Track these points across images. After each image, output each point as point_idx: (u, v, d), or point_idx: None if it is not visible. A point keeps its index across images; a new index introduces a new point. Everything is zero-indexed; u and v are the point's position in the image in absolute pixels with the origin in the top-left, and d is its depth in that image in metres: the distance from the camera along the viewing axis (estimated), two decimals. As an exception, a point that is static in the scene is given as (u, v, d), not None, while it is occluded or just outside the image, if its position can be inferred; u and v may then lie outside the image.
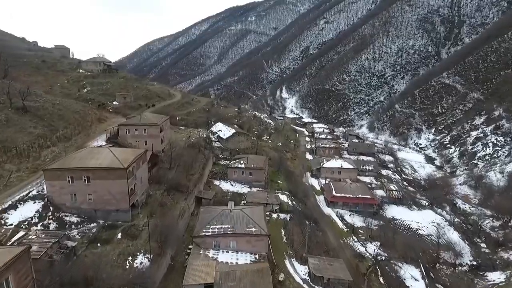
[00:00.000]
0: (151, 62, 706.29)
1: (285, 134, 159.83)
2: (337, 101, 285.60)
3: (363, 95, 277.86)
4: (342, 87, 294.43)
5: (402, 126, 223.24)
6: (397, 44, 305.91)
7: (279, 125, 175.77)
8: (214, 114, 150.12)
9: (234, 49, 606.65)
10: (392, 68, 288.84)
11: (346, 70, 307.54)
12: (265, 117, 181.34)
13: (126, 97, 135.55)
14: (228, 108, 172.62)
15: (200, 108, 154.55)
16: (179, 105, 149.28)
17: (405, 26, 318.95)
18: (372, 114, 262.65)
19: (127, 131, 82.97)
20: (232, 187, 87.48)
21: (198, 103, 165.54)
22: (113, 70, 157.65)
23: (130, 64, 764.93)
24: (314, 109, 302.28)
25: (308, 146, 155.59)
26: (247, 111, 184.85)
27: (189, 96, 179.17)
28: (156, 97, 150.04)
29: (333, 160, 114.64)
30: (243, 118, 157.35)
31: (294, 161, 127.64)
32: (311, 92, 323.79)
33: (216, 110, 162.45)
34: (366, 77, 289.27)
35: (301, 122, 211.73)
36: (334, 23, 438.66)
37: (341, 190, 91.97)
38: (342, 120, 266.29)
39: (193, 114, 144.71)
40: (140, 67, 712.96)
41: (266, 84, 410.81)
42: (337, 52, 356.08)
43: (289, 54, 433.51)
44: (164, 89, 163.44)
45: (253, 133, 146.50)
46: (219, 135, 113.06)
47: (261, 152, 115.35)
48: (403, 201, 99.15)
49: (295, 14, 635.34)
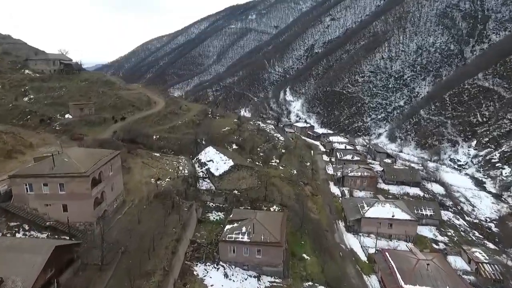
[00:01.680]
0: (149, 62, 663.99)
1: (299, 153, 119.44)
2: (350, 106, 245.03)
3: (380, 99, 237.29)
4: (354, 90, 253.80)
5: (431, 136, 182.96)
6: (415, 42, 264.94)
7: (289, 140, 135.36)
8: (207, 128, 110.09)
9: (234, 48, 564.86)
10: (412, 68, 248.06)
11: (359, 71, 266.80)
12: (272, 129, 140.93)
13: (84, 108, 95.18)
14: (226, 119, 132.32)
15: (189, 119, 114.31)
16: (160, 117, 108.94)
17: (423, 21, 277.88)
18: (391, 121, 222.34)
19: (27, 188, 42.96)
20: (226, 280, 47.60)
21: (187, 112, 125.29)
22: (74, 70, 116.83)
23: (128, 64, 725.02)
24: (322, 114, 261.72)
25: (329, 169, 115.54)
26: (249, 121, 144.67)
27: (177, 103, 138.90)
28: (129, 107, 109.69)
29: (378, 205, 74.43)
30: (244, 133, 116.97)
31: (317, 200, 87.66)
32: (318, 95, 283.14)
33: (210, 122, 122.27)
34: (382, 79, 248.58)
35: (313, 133, 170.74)
36: (341, 20, 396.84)
37: (412, 277, 51.88)
38: (356, 128, 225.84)
39: (178, 129, 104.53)
40: (137, 67, 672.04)
41: (268, 85, 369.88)
42: (346, 50, 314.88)
43: (292, 53, 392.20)
44: (142, 95, 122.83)
45: (257, 154, 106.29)
46: (210, 169, 72.83)
47: (271, 191, 75.50)
48: (503, 285, 59.22)
49: (297, 12, 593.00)
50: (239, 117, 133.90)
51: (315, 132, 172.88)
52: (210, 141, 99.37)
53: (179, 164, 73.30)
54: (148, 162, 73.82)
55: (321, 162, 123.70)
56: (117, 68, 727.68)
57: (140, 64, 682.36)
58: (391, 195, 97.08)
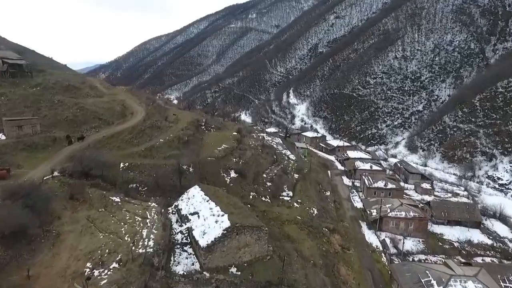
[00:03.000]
0: (147, 62, 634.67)
1: (316, 178, 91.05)
2: (361, 110, 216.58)
3: (395, 103, 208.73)
4: (366, 92, 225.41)
5: (460, 148, 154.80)
6: (432, 40, 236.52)
7: (301, 158, 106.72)
8: (197, 148, 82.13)
9: (234, 47, 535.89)
10: (429, 69, 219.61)
11: (370, 71, 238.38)
12: (279, 144, 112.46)
13: (24, 126, 66.90)
14: (223, 132, 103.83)
15: (175, 136, 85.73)
16: (135, 134, 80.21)
17: (439, 18, 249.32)
18: (408, 127, 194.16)
19: None
20: None
21: (174, 124, 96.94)
22: (25, 72, 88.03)
23: (126, 64, 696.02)
24: (330, 119, 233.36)
25: (354, 200, 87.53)
26: (251, 133, 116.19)
27: (163, 111, 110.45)
28: (94, 121, 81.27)
29: (456, 285, 46.72)
30: (245, 152, 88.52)
31: (350, 259, 59.60)
32: (325, 98, 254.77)
33: (202, 138, 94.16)
34: (397, 80, 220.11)
35: (327, 146, 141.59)
36: (346, 18, 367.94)
37: None
38: (370, 135, 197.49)
39: (158, 151, 75.83)
40: (135, 67, 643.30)
41: (269, 87, 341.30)
42: (354, 49, 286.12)
43: (295, 52, 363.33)
44: (116, 104, 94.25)
45: (263, 184, 78.22)
46: (193, 232, 44.47)
47: (288, 258, 47.60)
48: None
49: (298, 11, 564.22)
50: (239, 130, 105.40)
51: (329, 144, 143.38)
52: (200, 169, 71.41)
53: (144, 222, 45.01)
54: (97, 218, 45.62)
55: (342, 188, 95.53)
56: (115, 68, 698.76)
57: (139, 64, 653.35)
58: (447, 244, 69.06)
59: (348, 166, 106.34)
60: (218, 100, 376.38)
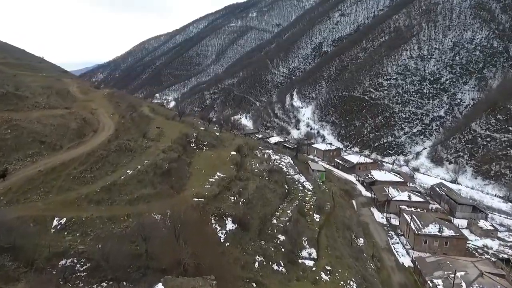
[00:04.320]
0: (145, 62, 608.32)
1: (343, 220, 65.67)
2: (374, 115, 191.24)
3: (413, 107, 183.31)
4: (379, 95, 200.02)
5: (496, 161, 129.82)
6: (449, 38, 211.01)
7: (320, 187, 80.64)
8: (180, 181, 57.48)
9: (234, 47, 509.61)
10: (449, 69, 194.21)
11: (382, 72, 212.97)
12: (290, 165, 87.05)
13: None
14: (218, 151, 78.69)
15: (153, 161, 60.15)
16: (92, 162, 53.98)
17: (457, 14, 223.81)
18: (429, 135, 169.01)
19: None
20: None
21: (155, 143, 71.65)
22: None
23: (124, 64, 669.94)
24: (339, 124, 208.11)
25: (394, 247, 62.88)
26: (253, 150, 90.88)
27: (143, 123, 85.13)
28: (35, 145, 55.83)
29: None
30: (247, 184, 63.31)
31: None
32: (332, 100, 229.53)
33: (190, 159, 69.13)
34: (414, 82, 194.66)
35: (344, 162, 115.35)
36: (351, 15, 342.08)
37: None
38: (386, 144, 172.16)
39: (122, 190, 49.48)
40: (134, 67, 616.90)
41: (271, 88, 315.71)
42: (363, 48, 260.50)
43: (298, 51, 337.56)
44: (73, 118, 68.87)
45: (273, 238, 52.96)
46: None
47: None
48: None
49: (300, 9, 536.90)
50: (238, 148, 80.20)
51: (347, 160, 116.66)
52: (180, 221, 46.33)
53: None
54: None
55: (376, 228, 70.37)
56: (114, 68, 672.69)
57: (137, 64, 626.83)
58: None
59: (378, 195, 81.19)
60: (217, 102, 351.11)
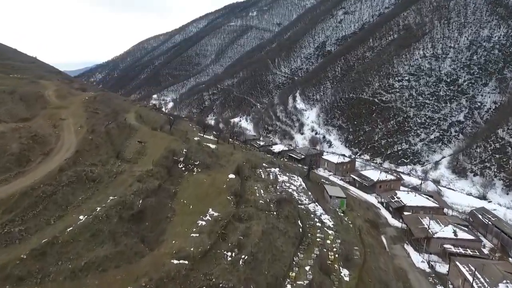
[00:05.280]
0: (144, 62, 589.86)
1: (379, 278, 48.36)
2: (386, 119, 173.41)
3: (429, 111, 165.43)
4: (390, 98, 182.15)
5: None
6: (465, 36, 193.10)
7: (342, 222, 61.01)
8: (160, 219, 39.18)
9: (234, 46, 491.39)
10: (467, 69, 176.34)
11: (393, 72, 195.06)
12: (302, 190, 69.29)
13: None
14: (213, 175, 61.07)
15: (121, 198, 42.05)
16: (29, 205, 36.34)
17: (472, 10, 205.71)
18: (448, 142, 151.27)
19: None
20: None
21: (130, 165, 53.67)
22: None
23: (123, 64, 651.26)
24: (346, 129, 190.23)
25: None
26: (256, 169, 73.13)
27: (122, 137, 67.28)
28: None
29: None
30: (249, 229, 45.60)
31: None
32: (338, 103, 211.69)
33: (176, 187, 51.18)
34: (428, 84, 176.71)
35: (362, 180, 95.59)
36: (356, 13, 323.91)
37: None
38: (400, 152, 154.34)
39: (65, 254, 32.09)
40: (132, 67, 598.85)
41: (273, 89, 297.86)
42: (370, 47, 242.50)
43: (300, 51, 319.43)
44: (13, 138, 50.91)
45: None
46: None
47: None
48: None
49: (301, 8, 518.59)
50: (238, 169, 62.55)
51: (365, 177, 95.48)
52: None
53: None
54: None
55: (417, 279, 52.67)
56: (112, 68, 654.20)
57: (136, 64, 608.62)
58: None
59: (414, 229, 63.36)
60: (217, 103, 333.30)
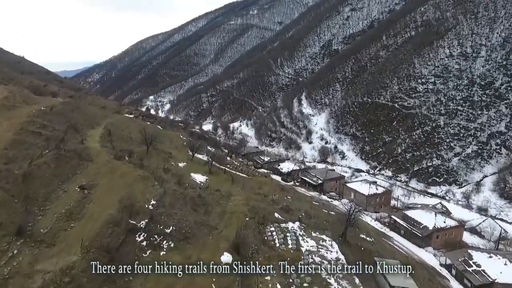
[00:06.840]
0: (142, 62, 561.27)
1: None
2: (409, 129, 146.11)
3: (463, 120, 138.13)
4: (413, 103, 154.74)
5: None
6: (497, 32, 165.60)
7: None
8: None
9: (234, 46, 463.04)
10: (504, 70, 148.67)
11: (414, 74, 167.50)
12: (339, 272, 43.00)
13: None
14: (194, 259, 34.69)
15: None
16: None
17: (502, 4, 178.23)
18: (489, 158, 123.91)
19: None
20: None
21: (54, 241, 26.15)
22: None
23: (121, 64, 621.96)
24: (362, 138, 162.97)
25: None
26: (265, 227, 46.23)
27: (64, 173, 40.13)
28: None
29: None
30: None
31: None
32: (350, 108, 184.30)
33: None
34: (459, 87, 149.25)
35: (410, 225, 65.42)
36: (364, 10, 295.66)
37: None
38: (431, 169, 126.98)
39: None
40: (130, 67, 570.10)
41: (275, 91, 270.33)
42: (384, 46, 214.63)
43: (305, 50, 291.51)
44: None
45: None
46: None
47: None
48: None
49: (303, 6, 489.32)
50: (237, 237, 35.63)
51: (415, 222, 65.00)
52: None
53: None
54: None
55: None
56: (110, 68, 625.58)
57: (134, 63, 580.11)
58: None
59: None
60: (215, 106, 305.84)
